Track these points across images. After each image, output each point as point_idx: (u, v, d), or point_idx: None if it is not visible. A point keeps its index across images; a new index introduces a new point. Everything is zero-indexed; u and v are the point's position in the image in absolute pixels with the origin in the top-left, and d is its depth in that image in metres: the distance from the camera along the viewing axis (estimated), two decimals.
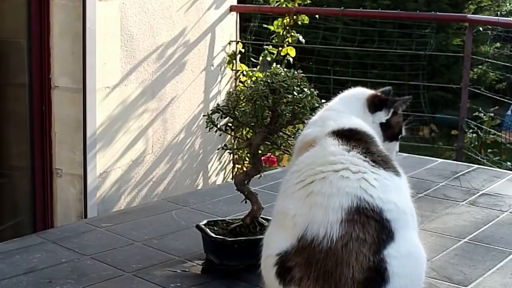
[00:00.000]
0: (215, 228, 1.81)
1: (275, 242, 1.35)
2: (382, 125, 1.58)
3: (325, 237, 1.26)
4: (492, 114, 5.09)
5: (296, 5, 4.86)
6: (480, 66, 7.91)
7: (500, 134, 5.19)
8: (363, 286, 1.24)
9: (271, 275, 1.34)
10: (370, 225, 1.27)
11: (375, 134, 1.52)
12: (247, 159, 4.68)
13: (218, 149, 1.47)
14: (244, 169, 4.62)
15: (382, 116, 1.59)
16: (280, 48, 4.84)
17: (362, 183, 1.31)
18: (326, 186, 1.31)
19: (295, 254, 1.29)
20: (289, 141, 1.75)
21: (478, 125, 4.96)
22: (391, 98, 1.62)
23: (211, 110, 1.79)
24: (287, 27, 4.86)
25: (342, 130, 1.44)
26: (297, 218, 1.31)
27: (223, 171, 4.81)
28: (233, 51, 4.80)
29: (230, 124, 1.81)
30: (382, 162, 1.38)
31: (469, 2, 9.14)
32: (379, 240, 1.26)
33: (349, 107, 1.57)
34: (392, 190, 1.33)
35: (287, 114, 1.70)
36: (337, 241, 1.25)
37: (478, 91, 5.40)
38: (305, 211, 1.30)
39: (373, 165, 1.35)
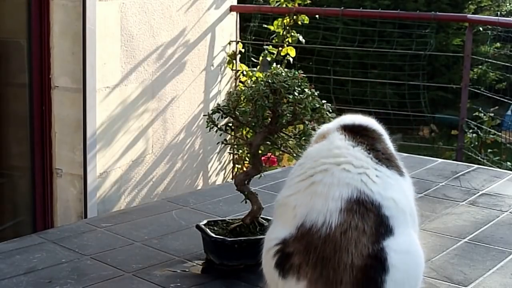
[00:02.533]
0: (215, 228, 1.81)
1: (275, 234, 1.35)
2: None
3: (324, 225, 1.26)
4: (492, 114, 5.09)
5: (296, 5, 4.86)
6: (480, 66, 7.91)
7: (500, 134, 5.19)
8: (363, 273, 1.23)
9: (270, 267, 1.33)
10: (369, 217, 1.27)
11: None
12: (247, 159, 4.68)
13: (218, 143, 1.49)
14: (244, 169, 4.62)
15: None
16: (280, 48, 4.84)
17: (363, 177, 1.31)
18: (328, 176, 1.31)
19: (294, 241, 1.29)
20: (289, 142, 1.75)
21: (478, 125, 4.96)
22: None
23: (211, 110, 1.78)
24: (287, 27, 4.86)
25: (351, 125, 1.44)
26: (298, 209, 1.31)
27: (223, 171, 4.81)
28: (233, 51, 4.79)
29: (231, 124, 1.81)
30: (385, 160, 1.38)
31: (469, 2, 9.15)
32: (377, 232, 1.26)
33: None
34: (393, 188, 1.33)
35: (288, 115, 1.70)
36: (336, 229, 1.25)
37: (478, 91, 5.40)
38: (306, 201, 1.31)
39: (376, 162, 1.35)
